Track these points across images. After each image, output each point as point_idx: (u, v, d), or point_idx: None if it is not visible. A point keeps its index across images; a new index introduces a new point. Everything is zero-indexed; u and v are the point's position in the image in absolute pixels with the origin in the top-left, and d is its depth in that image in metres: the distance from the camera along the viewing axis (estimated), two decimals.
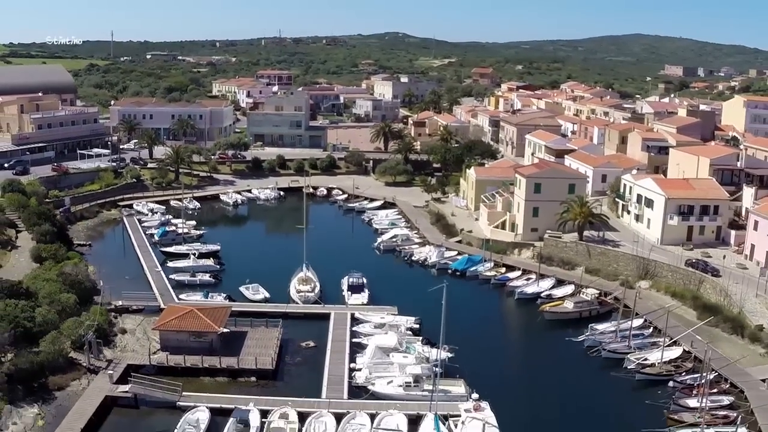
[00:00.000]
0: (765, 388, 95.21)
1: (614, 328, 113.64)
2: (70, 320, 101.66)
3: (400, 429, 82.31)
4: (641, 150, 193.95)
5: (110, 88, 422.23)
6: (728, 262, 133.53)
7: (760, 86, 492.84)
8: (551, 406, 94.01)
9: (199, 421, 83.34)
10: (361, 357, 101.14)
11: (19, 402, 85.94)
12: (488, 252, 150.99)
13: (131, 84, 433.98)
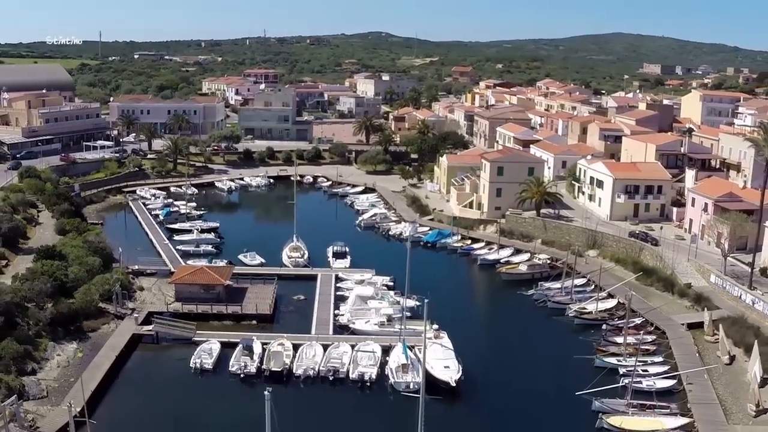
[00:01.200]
0: (683, 329, 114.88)
1: (560, 286, 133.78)
2: (98, 277, 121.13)
3: (375, 352, 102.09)
4: (599, 139, 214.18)
5: (103, 87, 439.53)
6: (667, 234, 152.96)
7: (732, 83, 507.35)
8: (501, 339, 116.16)
9: (212, 350, 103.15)
10: (344, 305, 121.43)
11: (60, 340, 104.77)
12: (456, 227, 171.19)
13: (123, 83, 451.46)
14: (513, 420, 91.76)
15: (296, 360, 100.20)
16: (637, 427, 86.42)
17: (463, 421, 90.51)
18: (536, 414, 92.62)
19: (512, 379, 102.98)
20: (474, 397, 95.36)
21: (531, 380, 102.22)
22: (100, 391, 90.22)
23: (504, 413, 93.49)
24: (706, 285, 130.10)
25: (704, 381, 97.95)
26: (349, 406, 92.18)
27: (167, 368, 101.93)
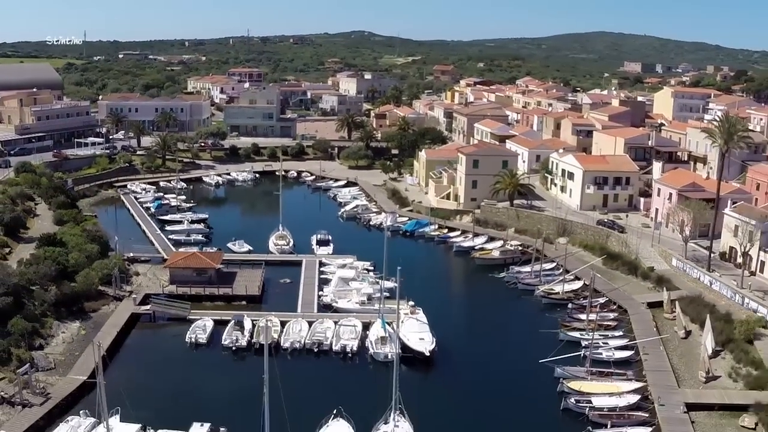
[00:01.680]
0: (644, 308, 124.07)
1: (530, 269, 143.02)
2: (97, 262, 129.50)
3: (356, 326, 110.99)
4: (572, 134, 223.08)
5: (90, 86, 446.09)
6: (634, 222, 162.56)
7: (709, 81, 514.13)
8: (472, 316, 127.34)
9: (206, 327, 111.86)
10: (327, 287, 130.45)
11: (64, 319, 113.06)
12: (433, 218, 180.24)
13: (110, 82, 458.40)
14: (482, 385, 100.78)
15: (284, 334, 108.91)
16: (595, 390, 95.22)
17: (436, 387, 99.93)
18: (503, 380, 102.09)
19: (482, 350, 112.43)
20: (446, 366, 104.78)
21: (499, 351, 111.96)
22: (103, 362, 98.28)
23: (474, 379, 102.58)
24: (668, 268, 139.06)
25: (660, 352, 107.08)
26: (332, 374, 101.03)
27: (164, 343, 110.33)
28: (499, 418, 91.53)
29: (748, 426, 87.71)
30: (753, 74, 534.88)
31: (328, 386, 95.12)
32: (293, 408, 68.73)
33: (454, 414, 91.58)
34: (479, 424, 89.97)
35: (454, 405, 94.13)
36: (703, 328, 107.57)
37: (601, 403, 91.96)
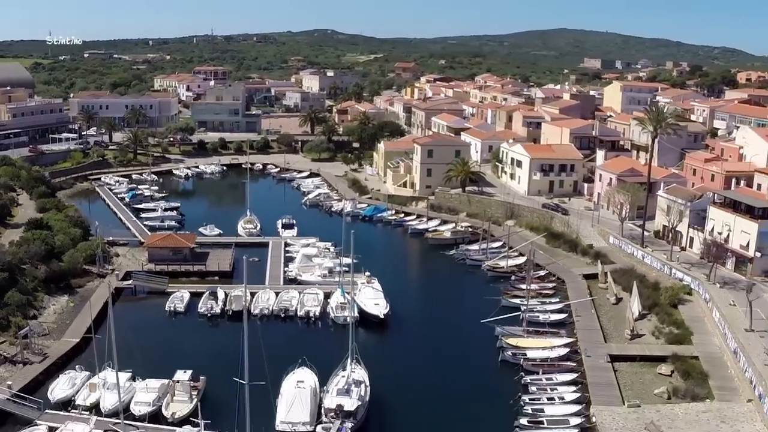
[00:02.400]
0: (580, 279, 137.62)
1: (478, 247, 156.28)
2: (81, 244, 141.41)
3: (318, 295, 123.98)
4: (522, 126, 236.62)
5: (58, 84, 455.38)
6: (577, 205, 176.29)
7: (665, 76, 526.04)
8: (424, 286, 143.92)
9: (183, 297, 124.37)
10: (292, 263, 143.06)
11: (53, 294, 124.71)
12: (391, 204, 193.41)
13: (78, 81, 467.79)
14: (430, 342, 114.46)
15: (253, 303, 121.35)
16: (530, 345, 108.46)
17: (389, 344, 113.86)
18: (450, 337, 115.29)
19: (431, 314, 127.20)
20: (399, 327, 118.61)
21: (447, 315, 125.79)
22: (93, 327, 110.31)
23: (423, 337, 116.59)
24: (606, 245, 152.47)
25: (591, 314, 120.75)
26: (297, 335, 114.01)
27: (146, 312, 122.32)
28: (444, 368, 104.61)
29: (665, 373, 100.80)
30: (708, 69, 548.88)
31: (294, 344, 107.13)
32: (264, 360, 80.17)
33: (405, 365, 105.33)
34: (427, 373, 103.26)
35: (405, 358, 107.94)
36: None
37: (535, 355, 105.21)
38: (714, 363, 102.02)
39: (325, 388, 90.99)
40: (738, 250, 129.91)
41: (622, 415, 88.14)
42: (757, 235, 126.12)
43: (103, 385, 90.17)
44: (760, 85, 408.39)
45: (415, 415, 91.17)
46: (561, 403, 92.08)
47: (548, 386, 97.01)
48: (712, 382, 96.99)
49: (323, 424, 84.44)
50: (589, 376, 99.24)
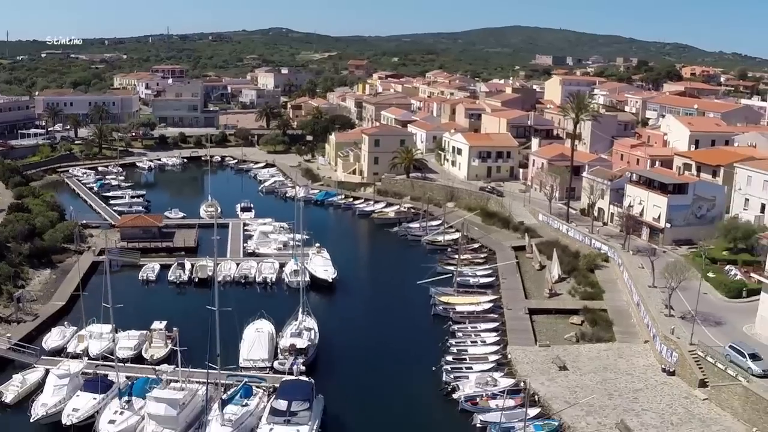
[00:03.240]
0: (509, 250, 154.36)
1: (418, 225, 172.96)
2: (59, 224, 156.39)
3: (274, 264, 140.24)
4: (465, 117, 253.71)
5: (19, 84, 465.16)
6: (512, 188, 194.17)
7: (612, 71, 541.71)
8: (368, 256, 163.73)
9: (154, 269, 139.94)
10: (251, 240, 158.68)
11: (37, 268, 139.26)
12: (341, 190, 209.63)
13: (38, 80, 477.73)
14: (372, 300, 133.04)
15: (217, 273, 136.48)
16: (459, 302, 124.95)
17: (336, 303, 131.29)
18: (390, 296, 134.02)
19: (375, 279, 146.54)
20: (346, 289, 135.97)
21: (389, 279, 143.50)
22: (75, 294, 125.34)
23: (367, 297, 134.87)
24: (535, 222, 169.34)
25: (515, 278, 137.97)
26: (256, 297, 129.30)
27: (122, 282, 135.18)
28: (384, 320, 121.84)
29: (576, 323, 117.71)
30: (654, 65, 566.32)
31: (253, 304, 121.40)
32: (227, 315, 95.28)
33: (349, 318, 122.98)
34: (369, 323, 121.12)
35: (350, 312, 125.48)
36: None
37: (462, 309, 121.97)
38: (619, 314, 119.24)
39: (281, 333, 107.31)
40: (651, 222, 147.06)
41: (533, 353, 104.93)
42: (666, 208, 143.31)
43: (89, 336, 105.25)
44: (703, 80, 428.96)
45: (358, 355, 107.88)
46: (482, 345, 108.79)
47: (473, 332, 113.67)
48: (615, 328, 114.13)
49: (279, 360, 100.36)
50: (508, 324, 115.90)
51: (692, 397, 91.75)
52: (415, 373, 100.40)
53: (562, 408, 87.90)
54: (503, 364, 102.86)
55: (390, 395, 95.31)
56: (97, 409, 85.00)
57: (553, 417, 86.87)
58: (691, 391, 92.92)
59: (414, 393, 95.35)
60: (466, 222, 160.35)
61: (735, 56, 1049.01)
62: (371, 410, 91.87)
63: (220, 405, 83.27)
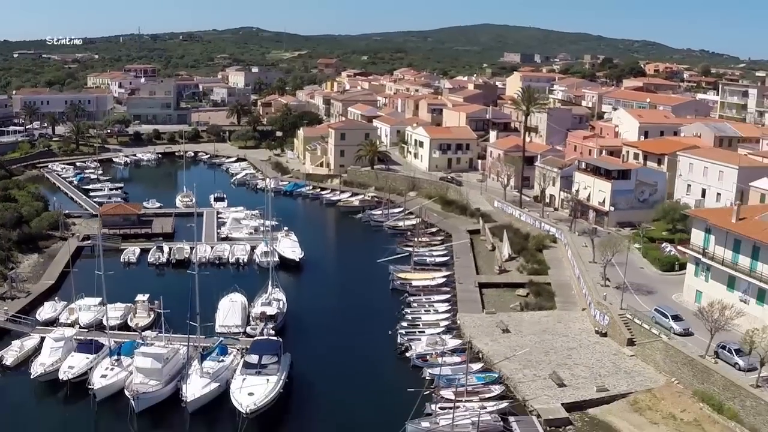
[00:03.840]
0: (465, 233, 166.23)
1: (381, 212, 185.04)
2: (44, 213, 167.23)
3: (245, 246, 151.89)
4: (427, 112, 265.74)
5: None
6: (471, 178, 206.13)
7: (577, 69, 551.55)
8: (333, 239, 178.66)
9: (135, 252, 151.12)
10: (224, 226, 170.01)
11: (25, 253, 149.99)
12: (309, 181, 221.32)
13: (13, 80, 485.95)
14: (337, 278, 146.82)
15: (193, 254, 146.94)
16: (415, 277, 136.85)
17: (304, 280, 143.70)
18: (352, 275, 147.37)
19: (338, 258, 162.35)
20: (312, 268, 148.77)
21: (352, 260, 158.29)
22: (63, 274, 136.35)
23: (331, 275, 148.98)
24: (491, 209, 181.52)
25: (469, 257, 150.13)
26: (229, 276, 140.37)
27: (104, 264, 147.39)
28: (346, 293, 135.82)
29: (521, 294, 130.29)
30: (618, 61, 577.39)
31: (227, 282, 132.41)
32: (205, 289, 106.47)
33: (315, 292, 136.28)
34: (332, 296, 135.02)
35: (316, 287, 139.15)
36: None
37: (418, 283, 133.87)
38: (562, 287, 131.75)
39: (252, 304, 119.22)
40: (597, 206, 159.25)
41: (480, 319, 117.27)
42: (611, 193, 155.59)
43: (79, 308, 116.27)
44: (666, 76, 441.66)
45: (323, 322, 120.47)
46: (434, 313, 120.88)
47: (426, 303, 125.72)
48: (557, 299, 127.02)
49: (251, 326, 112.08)
50: (459, 296, 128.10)
51: (620, 354, 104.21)
52: (373, 336, 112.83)
53: (500, 360, 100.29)
54: (452, 328, 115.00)
55: (350, 354, 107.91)
56: (90, 367, 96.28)
57: (493, 370, 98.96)
58: (620, 348, 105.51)
59: (372, 353, 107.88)
60: (425, 208, 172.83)
61: (702, 53, 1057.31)
62: (333, 366, 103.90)
63: (199, 360, 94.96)
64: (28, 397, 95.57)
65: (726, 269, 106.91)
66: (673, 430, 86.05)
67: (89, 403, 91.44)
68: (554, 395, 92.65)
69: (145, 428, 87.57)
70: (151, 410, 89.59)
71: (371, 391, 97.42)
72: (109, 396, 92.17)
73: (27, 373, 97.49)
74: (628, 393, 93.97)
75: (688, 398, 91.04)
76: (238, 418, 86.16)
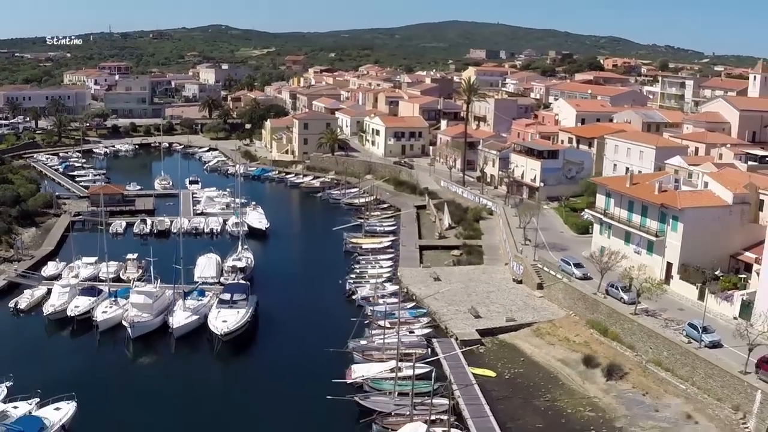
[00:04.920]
0: (412, 208, 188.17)
1: (338, 191, 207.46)
2: (38, 194, 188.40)
3: (218, 218, 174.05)
4: (385, 104, 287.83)
5: None
6: (423, 163, 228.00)
7: (537, 64, 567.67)
8: (295, 213, 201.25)
9: (121, 224, 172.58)
10: (199, 204, 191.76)
11: (24, 227, 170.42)
12: (275, 167, 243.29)
13: None
14: (298, 243, 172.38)
15: (172, 226, 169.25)
16: (366, 242, 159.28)
17: (269, 245, 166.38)
18: (311, 240, 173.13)
19: (300, 228, 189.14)
20: (276, 236, 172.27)
21: (310, 227, 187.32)
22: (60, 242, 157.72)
23: (293, 241, 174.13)
24: (438, 188, 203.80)
25: (414, 226, 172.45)
26: (204, 244, 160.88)
27: (95, 235, 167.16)
28: (305, 255, 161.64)
29: (455, 254, 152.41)
30: (578, 57, 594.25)
31: (203, 246, 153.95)
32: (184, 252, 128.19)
33: (279, 255, 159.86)
34: (294, 257, 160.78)
35: (279, 251, 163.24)
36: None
37: (367, 246, 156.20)
38: (491, 248, 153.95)
39: (225, 260, 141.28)
40: (529, 183, 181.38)
41: (416, 271, 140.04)
42: (540, 171, 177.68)
43: (78, 267, 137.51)
44: (624, 71, 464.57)
45: (284, 276, 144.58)
46: (379, 268, 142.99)
47: (373, 260, 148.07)
48: (485, 257, 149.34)
49: (224, 277, 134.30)
50: (401, 255, 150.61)
51: (531, 295, 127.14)
52: (326, 286, 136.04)
53: (427, 296, 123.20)
54: (393, 278, 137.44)
55: (307, 298, 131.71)
56: (93, 306, 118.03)
57: (423, 306, 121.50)
58: (531, 291, 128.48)
59: (324, 297, 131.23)
60: (376, 187, 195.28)
61: (668, 49, 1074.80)
62: (292, 306, 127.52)
63: (182, 298, 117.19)
64: (41, 332, 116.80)
65: (622, 226, 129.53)
66: (566, 348, 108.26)
67: (93, 335, 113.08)
68: (471, 324, 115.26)
69: (139, 351, 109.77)
70: (143, 337, 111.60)
71: (322, 323, 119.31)
72: (109, 328, 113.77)
73: (38, 314, 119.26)
74: (532, 323, 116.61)
75: (581, 326, 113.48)
76: (215, 341, 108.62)
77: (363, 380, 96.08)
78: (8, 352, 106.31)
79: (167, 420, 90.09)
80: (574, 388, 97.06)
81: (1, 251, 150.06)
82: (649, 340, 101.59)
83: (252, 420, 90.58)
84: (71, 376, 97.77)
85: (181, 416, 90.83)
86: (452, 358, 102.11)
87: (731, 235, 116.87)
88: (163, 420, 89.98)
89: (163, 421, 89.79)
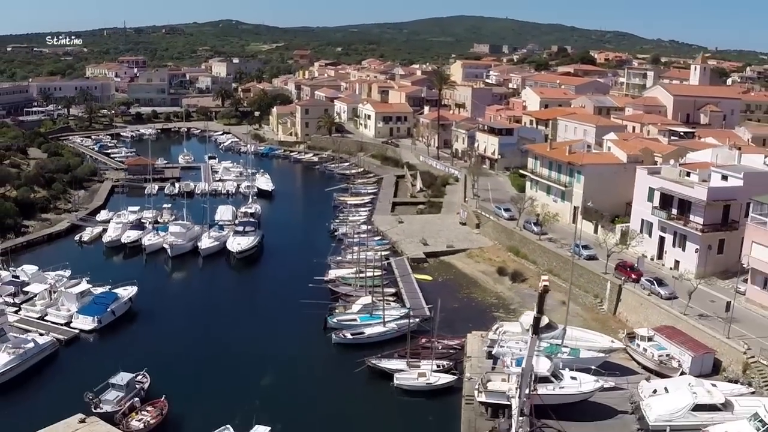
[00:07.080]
0: (393, 177, 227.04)
1: (334, 165, 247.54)
2: (84, 164, 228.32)
3: (234, 183, 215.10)
4: (377, 93, 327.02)
5: (1, 74, 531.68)
6: (407, 142, 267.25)
7: (534, 59, 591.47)
8: (297, 181, 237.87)
9: (155, 187, 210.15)
10: (217, 173, 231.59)
11: (74, 190, 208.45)
12: (281, 146, 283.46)
13: (18, 71, 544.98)
14: (297, 201, 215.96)
15: (196, 189, 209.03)
16: (350, 199, 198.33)
17: (274, 203, 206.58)
18: (308, 199, 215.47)
19: (299, 191, 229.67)
20: (280, 196, 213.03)
21: (308, 190, 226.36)
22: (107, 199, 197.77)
23: (293, 200, 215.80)
24: (417, 162, 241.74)
25: (391, 189, 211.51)
26: (222, 201, 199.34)
27: (134, 195, 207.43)
28: (302, 209, 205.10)
29: (421, 208, 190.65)
30: (573, 51, 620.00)
31: (222, 202, 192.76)
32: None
33: (281, 208, 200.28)
34: (293, 210, 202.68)
35: (282, 206, 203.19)
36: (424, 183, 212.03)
37: (351, 203, 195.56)
38: (450, 204, 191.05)
39: (239, 208, 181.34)
40: (490, 156, 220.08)
41: (387, 218, 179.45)
42: (498, 145, 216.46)
43: (125, 213, 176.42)
44: (615, 65, 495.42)
45: (284, 221, 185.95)
46: (357, 216, 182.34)
47: (354, 210, 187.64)
48: (443, 210, 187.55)
49: (239, 218, 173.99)
50: (377, 208, 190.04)
51: (471, 233, 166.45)
52: (316, 227, 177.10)
53: (389, 229, 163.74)
54: (368, 223, 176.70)
55: (301, 234, 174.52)
56: (141, 237, 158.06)
57: (386, 238, 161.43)
58: (471, 230, 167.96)
59: (314, 234, 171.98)
60: (364, 160, 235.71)
61: (672, 43, 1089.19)
62: (289, 240, 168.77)
63: (207, 230, 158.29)
64: (101, 256, 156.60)
65: (544, 181, 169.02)
66: (488, 265, 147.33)
67: (141, 257, 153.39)
68: (420, 249, 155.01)
69: (177, 266, 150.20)
70: (179, 257, 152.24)
71: (311, 249, 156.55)
72: (153, 252, 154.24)
73: (97, 245, 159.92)
74: (467, 249, 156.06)
75: (502, 251, 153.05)
76: (231, 258, 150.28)
77: (336, 277, 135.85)
78: (79, 265, 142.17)
79: (197, 309, 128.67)
80: (487, 287, 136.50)
81: (62, 204, 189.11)
82: (545, 256, 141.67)
83: (258, 310, 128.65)
84: (128, 278, 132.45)
85: (206, 308, 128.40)
86: (401, 268, 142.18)
87: (627, 187, 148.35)
88: (193, 309, 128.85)
89: (193, 310, 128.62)
